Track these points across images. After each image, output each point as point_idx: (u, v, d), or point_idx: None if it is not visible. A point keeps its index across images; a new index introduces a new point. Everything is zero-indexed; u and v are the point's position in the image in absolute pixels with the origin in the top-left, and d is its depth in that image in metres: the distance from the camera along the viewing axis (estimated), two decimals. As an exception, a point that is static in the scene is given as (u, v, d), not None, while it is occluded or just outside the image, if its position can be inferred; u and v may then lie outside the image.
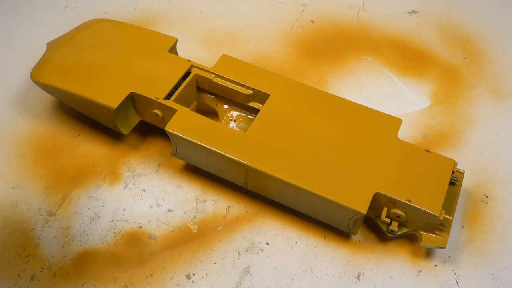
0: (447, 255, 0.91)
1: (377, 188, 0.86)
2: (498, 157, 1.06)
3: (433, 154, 0.91)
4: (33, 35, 1.32)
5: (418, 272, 0.90)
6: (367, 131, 0.94)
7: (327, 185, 0.86)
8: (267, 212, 0.97)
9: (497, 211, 0.97)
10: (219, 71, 1.03)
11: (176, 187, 1.01)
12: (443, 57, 1.25)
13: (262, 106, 1.00)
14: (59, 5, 1.41)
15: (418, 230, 0.88)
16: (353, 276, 0.89)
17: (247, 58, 1.25)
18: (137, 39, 1.10)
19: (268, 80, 1.02)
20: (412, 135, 1.09)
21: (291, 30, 1.33)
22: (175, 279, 0.89)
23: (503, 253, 0.92)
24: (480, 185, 1.01)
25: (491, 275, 0.89)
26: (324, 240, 0.94)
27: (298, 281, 0.89)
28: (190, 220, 0.96)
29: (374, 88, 1.19)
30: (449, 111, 1.14)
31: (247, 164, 0.89)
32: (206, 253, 0.92)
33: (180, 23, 1.35)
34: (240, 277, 0.89)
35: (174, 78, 1.01)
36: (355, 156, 0.91)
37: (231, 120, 1.05)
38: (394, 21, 1.34)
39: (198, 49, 1.28)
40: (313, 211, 0.91)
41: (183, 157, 0.98)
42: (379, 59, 1.25)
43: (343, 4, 1.40)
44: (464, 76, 1.21)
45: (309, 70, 1.23)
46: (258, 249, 0.92)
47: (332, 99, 1.00)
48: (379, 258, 0.91)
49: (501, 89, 1.18)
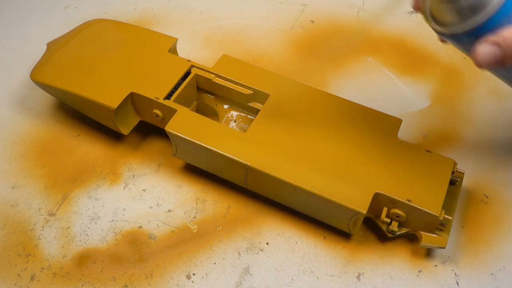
0: (447, 255, 0.91)
1: (377, 188, 0.86)
2: (498, 157, 1.06)
3: (433, 154, 0.91)
4: (33, 35, 1.32)
5: (418, 272, 0.90)
6: (367, 131, 0.94)
7: (327, 185, 0.86)
8: (267, 212, 0.97)
9: (497, 211, 0.97)
10: (219, 71, 1.03)
11: (176, 187, 1.01)
12: (443, 57, 1.25)
13: (262, 106, 1.00)
14: (59, 5, 1.41)
15: (418, 230, 0.88)
16: (353, 276, 0.89)
17: (247, 58, 1.25)
18: (137, 39, 1.10)
19: (268, 80, 1.02)
20: (412, 135, 1.09)
21: (291, 30, 1.33)
22: (175, 279, 0.89)
23: (503, 253, 0.92)
24: (480, 185, 1.01)
25: (491, 275, 0.89)
26: (324, 240, 0.94)
27: (298, 281, 0.89)
28: (190, 220, 0.96)
29: (374, 88, 1.19)
30: (449, 111, 1.14)
31: (247, 164, 0.89)
32: (206, 253, 0.92)
33: (180, 23, 1.35)
34: (240, 277, 0.89)
35: (174, 78, 1.01)
36: (355, 156, 0.91)
37: (231, 120, 1.05)
38: (394, 21, 1.34)
39: (198, 49, 1.28)
40: (313, 211, 0.91)
41: (183, 157, 0.98)
42: (379, 59, 1.25)
43: (343, 4, 1.40)
44: (464, 76, 1.21)
45: (309, 70, 1.23)
46: (258, 249, 0.92)
47: (332, 99, 1.00)
48: (379, 258, 0.91)
49: (501, 89, 1.18)
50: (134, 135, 1.09)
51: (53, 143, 1.08)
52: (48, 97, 1.16)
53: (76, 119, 1.12)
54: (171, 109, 0.96)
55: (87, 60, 1.06)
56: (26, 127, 1.11)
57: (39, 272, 0.90)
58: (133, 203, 0.99)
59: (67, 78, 1.03)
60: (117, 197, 1.00)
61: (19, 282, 0.89)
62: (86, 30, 1.13)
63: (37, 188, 1.01)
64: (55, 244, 0.93)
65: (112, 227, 0.95)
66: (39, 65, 1.07)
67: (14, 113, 1.14)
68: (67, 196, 1.00)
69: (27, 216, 0.97)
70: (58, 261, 0.91)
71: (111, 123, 1.00)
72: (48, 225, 0.96)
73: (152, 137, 1.09)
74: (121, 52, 1.07)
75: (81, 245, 0.93)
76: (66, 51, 1.08)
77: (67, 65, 1.05)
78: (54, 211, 0.98)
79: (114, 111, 0.96)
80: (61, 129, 1.11)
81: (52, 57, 1.07)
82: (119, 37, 1.12)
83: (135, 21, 1.34)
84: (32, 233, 0.95)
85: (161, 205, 0.98)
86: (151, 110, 1.00)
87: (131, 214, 0.97)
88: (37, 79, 1.04)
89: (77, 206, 0.98)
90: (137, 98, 1.00)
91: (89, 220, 0.96)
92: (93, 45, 1.09)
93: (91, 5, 1.40)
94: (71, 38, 1.11)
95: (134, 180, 1.02)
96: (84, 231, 0.95)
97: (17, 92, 1.18)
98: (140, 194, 1.00)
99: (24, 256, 0.92)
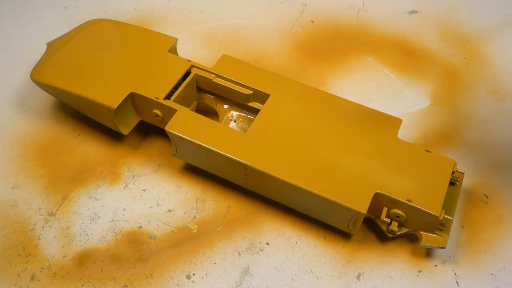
0: (447, 255, 0.91)
1: (377, 188, 0.86)
2: (498, 157, 1.06)
3: (433, 154, 0.91)
4: (33, 35, 1.32)
5: (418, 272, 0.90)
6: (367, 131, 0.94)
7: (327, 185, 0.86)
8: (267, 212, 0.97)
9: (497, 211, 0.97)
10: (219, 71, 1.03)
11: (176, 187, 1.01)
12: (443, 57, 1.25)
13: (262, 106, 1.00)
14: (59, 5, 1.41)
15: (418, 230, 0.88)
16: (353, 276, 0.89)
17: (247, 58, 1.25)
18: (137, 39, 1.10)
19: (268, 80, 1.02)
20: (412, 135, 1.09)
21: (291, 30, 1.33)
22: (175, 279, 0.89)
23: (503, 253, 0.92)
24: (480, 185, 1.01)
25: (491, 275, 0.89)
26: (324, 240, 0.94)
27: (298, 281, 0.89)
28: (190, 220, 0.96)
29: (374, 88, 1.19)
30: (449, 111, 1.14)
31: (247, 164, 0.89)
32: (206, 253, 0.92)
33: (180, 23, 1.35)
34: (240, 277, 0.89)
35: (174, 78, 1.01)
36: (355, 156, 0.91)
37: (231, 120, 1.05)
38: (394, 21, 1.34)
39: (198, 49, 1.28)
40: (313, 211, 0.91)
41: (183, 157, 0.98)
42: (379, 59, 1.25)
43: (343, 4, 1.40)
44: (464, 76, 1.21)
45: (309, 70, 1.23)
46: (258, 249, 0.92)
47: (332, 99, 1.00)
48: (379, 258, 0.91)
49: (501, 89, 1.18)
50: (134, 135, 1.09)
51: (53, 143, 1.08)
52: (48, 97, 1.16)
53: (76, 119, 1.12)
54: (171, 109, 0.96)
55: (87, 60, 1.06)
56: (26, 127, 1.11)
57: (39, 272, 0.90)
58: (133, 203, 0.99)
59: (67, 78, 1.03)
60: (117, 197, 1.00)
61: (19, 282, 0.89)
62: (86, 30, 1.13)
63: (37, 188, 1.01)
64: (55, 244, 0.93)
65: (112, 227, 0.95)
66: (39, 65, 1.07)
67: (14, 113, 1.14)
68: (67, 196, 1.00)
69: (27, 216, 0.97)
70: (58, 261, 0.91)
71: (111, 123, 1.00)
72: (48, 225, 0.96)
73: (152, 137, 1.09)
74: (121, 52, 1.07)
75: (81, 245, 0.93)
76: (66, 51, 1.08)
77: (67, 65, 1.05)
78: (54, 211, 0.98)
79: (114, 111, 0.96)
80: (61, 129, 1.11)
81: (52, 57, 1.08)
82: (119, 37, 1.12)
83: (135, 21, 1.34)
84: (32, 233, 0.95)
85: (161, 205, 0.99)
86: (151, 110, 1.00)
87: (131, 214, 0.97)
88: (37, 79, 1.04)
89: (77, 206, 0.98)
90: (137, 98, 1.00)
91: (89, 220, 0.96)
92: (93, 45, 1.09)
93: (91, 5, 1.40)
94: (71, 38, 1.11)
95: (134, 180, 1.02)
96: (84, 231, 0.95)
97: (17, 92, 1.18)
98: (140, 194, 1.00)
99: (24, 256, 0.92)
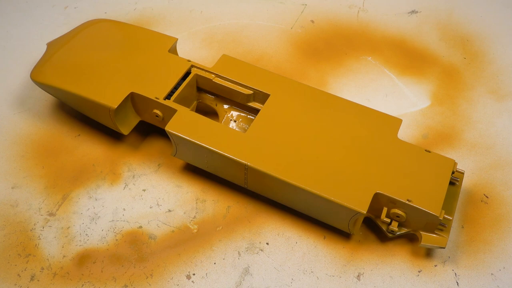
0: (447, 255, 0.91)
1: (377, 188, 0.86)
2: (498, 157, 1.06)
3: (433, 154, 0.91)
4: (33, 35, 1.32)
5: (418, 272, 0.90)
6: (367, 131, 0.94)
7: (327, 185, 0.86)
8: (267, 212, 0.97)
9: (497, 211, 0.97)
10: (219, 71, 1.03)
11: (176, 187, 1.01)
12: (443, 57, 1.25)
13: (262, 106, 1.00)
14: (59, 5, 1.41)
15: (418, 230, 0.88)
16: (353, 276, 0.89)
17: (247, 58, 1.25)
18: (137, 39, 1.10)
19: (268, 80, 1.02)
20: (412, 135, 1.09)
21: (291, 30, 1.33)
22: (175, 279, 0.89)
23: (503, 253, 0.92)
24: (480, 185, 1.01)
25: (491, 275, 0.89)
26: (324, 240, 0.94)
27: (298, 281, 0.89)
28: (190, 220, 0.96)
29: (374, 88, 1.19)
30: (449, 111, 1.14)
31: (247, 164, 0.89)
32: (206, 253, 0.92)
33: (180, 23, 1.35)
34: (240, 277, 0.89)
35: (174, 78, 1.01)
36: (355, 156, 0.91)
37: (231, 120, 1.05)
38: (394, 21, 1.34)
39: (198, 49, 1.28)
40: (313, 211, 0.91)
41: (183, 157, 0.98)
42: (379, 59, 1.25)
43: (343, 4, 1.40)
44: (464, 76, 1.21)
45: (309, 70, 1.23)
46: (258, 249, 0.92)
47: (332, 99, 1.00)
48: (379, 258, 0.91)
49: (501, 89, 1.18)
50: (134, 135, 1.09)
51: (53, 143, 1.08)
52: (48, 97, 1.16)
53: (76, 119, 1.12)
54: (171, 109, 0.96)
55: (87, 60, 1.06)
56: (26, 127, 1.11)
57: (39, 272, 0.90)
58: (133, 203, 0.99)
59: (67, 78, 1.03)
60: (117, 197, 1.00)
61: (19, 282, 0.89)
62: (86, 30, 1.13)
63: (37, 188, 1.01)
64: (55, 244, 0.93)
65: (112, 227, 0.95)
66: (39, 65, 1.07)
67: (14, 113, 1.14)
68: (67, 196, 1.00)
69: (27, 216, 0.97)
70: (58, 261, 0.91)
71: (111, 123, 1.00)
72: (48, 225, 0.96)
73: (152, 137, 1.09)
74: (121, 52, 1.07)
75: (81, 245, 0.93)
76: (66, 51, 1.08)
77: (67, 65, 1.05)
78: (54, 211, 0.98)
79: (114, 111, 0.96)
80: (61, 129, 1.11)
81: (52, 57, 1.07)
82: (119, 37, 1.12)
83: (135, 21, 1.34)
84: (32, 233, 0.95)
85: (161, 205, 0.99)
86: (151, 110, 1.00)
87: (131, 214, 0.97)
88: (37, 79, 1.04)
89: (77, 206, 0.98)
90: (137, 98, 1.00)
91: (89, 220, 0.96)
92: (93, 45, 1.09)
93: (91, 5, 1.40)
94: (71, 38, 1.11)
95: (134, 180, 1.02)
96: (84, 231, 0.95)
97: (17, 92, 1.18)
98: (140, 194, 1.00)
99: (24, 256, 0.92)
